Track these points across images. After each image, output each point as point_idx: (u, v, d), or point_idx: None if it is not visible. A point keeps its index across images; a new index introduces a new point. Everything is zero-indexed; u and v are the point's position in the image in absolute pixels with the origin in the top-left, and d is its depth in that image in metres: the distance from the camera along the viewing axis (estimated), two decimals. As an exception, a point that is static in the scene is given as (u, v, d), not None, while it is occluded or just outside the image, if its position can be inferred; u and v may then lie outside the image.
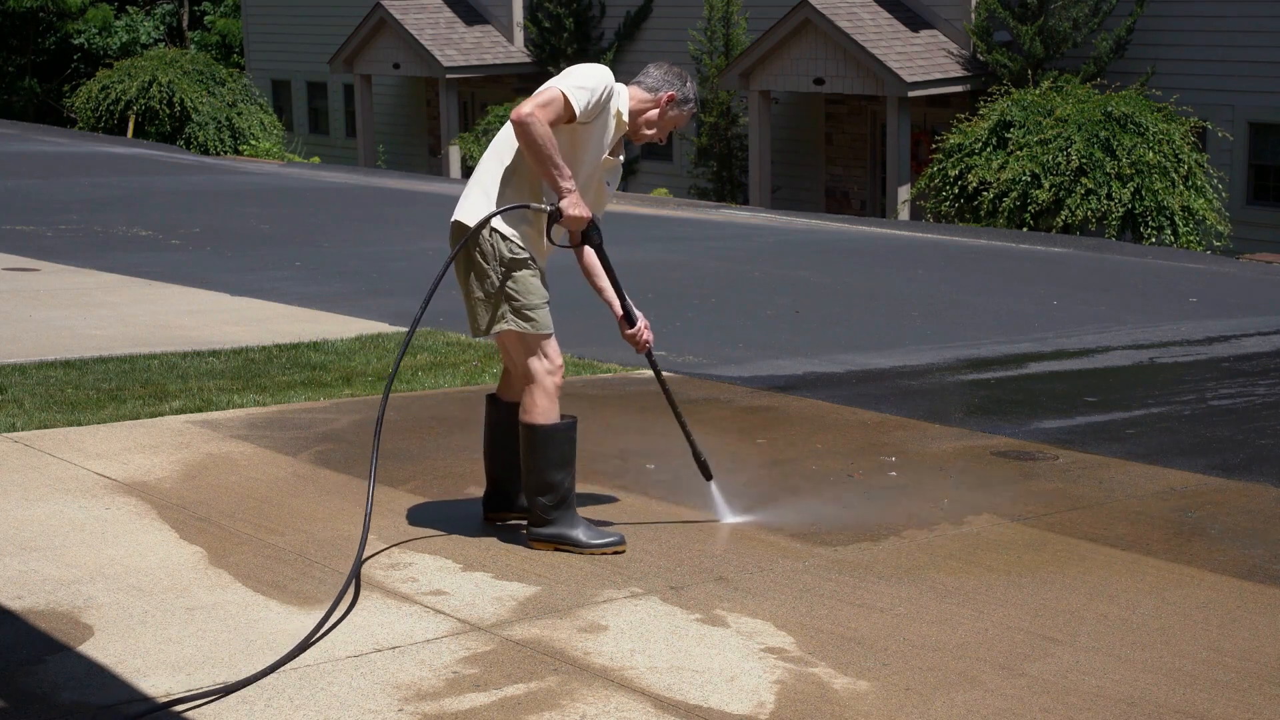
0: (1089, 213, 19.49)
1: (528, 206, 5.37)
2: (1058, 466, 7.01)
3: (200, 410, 7.62)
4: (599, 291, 5.74)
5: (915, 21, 24.26)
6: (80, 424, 7.24)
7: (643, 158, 29.17)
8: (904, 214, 23.14)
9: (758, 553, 5.61)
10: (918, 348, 10.38)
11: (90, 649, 4.55)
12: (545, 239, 5.46)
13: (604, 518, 5.97)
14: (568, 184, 5.29)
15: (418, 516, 5.95)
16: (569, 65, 30.58)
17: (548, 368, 5.46)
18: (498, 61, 30.07)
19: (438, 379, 8.55)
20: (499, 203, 5.37)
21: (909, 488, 6.57)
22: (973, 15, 23.69)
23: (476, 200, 5.43)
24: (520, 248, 5.39)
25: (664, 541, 5.70)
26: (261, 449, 6.91)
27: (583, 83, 5.30)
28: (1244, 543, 5.87)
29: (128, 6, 43.99)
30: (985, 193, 20.15)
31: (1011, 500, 6.38)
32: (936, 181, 20.97)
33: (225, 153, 29.53)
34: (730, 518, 5.98)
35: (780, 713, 4.21)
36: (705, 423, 7.76)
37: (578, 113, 5.27)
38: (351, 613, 4.89)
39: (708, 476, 5.98)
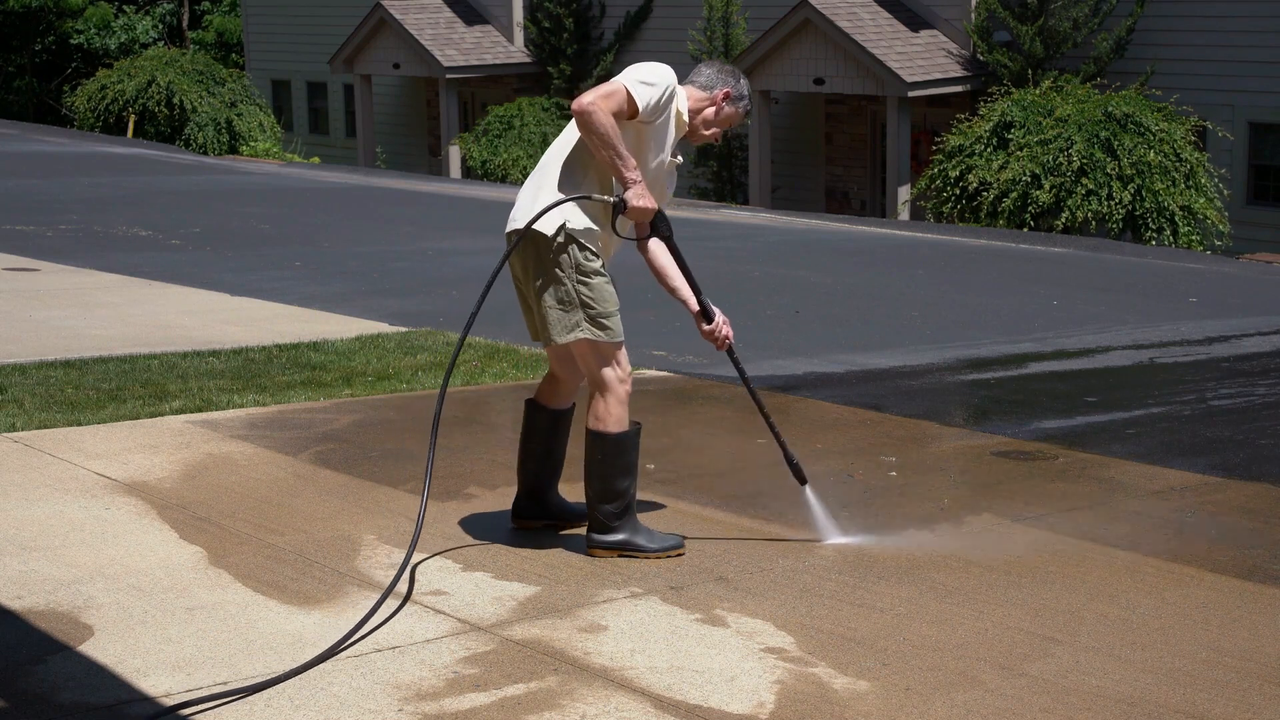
0: (1090, 214, 19.49)
1: (589, 198, 5.20)
2: (1058, 466, 7.01)
3: (200, 410, 7.62)
4: (671, 291, 5.60)
5: (915, 21, 24.27)
6: (80, 424, 7.24)
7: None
8: (904, 214, 23.15)
9: (758, 553, 5.61)
10: (918, 348, 10.38)
11: (90, 649, 4.54)
12: (611, 233, 5.32)
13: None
14: (632, 174, 5.16)
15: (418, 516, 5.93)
16: (569, 65, 30.39)
17: (620, 375, 5.38)
18: (498, 61, 30.08)
19: (437, 379, 8.54)
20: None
21: (909, 488, 6.57)
22: (973, 15, 23.70)
23: (545, 203, 5.24)
24: (594, 254, 5.26)
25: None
26: (261, 449, 6.91)
27: (647, 78, 5.17)
28: (1244, 543, 5.87)
29: (125, 6, 43.98)
30: (985, 193, 20.15)
31: (1011, 500, 6.38)
32: (937, 182, 20.98)
33: (223, 153, 29.53)
34: (835, 538, 5.70)
35: (780, 713, 4.21)
36: (706, 423, 7.77)
37: (640, 109, 5.14)
38: (351, 613, 4.89)
39: (802, 481, 5.77)
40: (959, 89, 23.55)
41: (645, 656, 4.58)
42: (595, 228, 5.27)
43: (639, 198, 5.20)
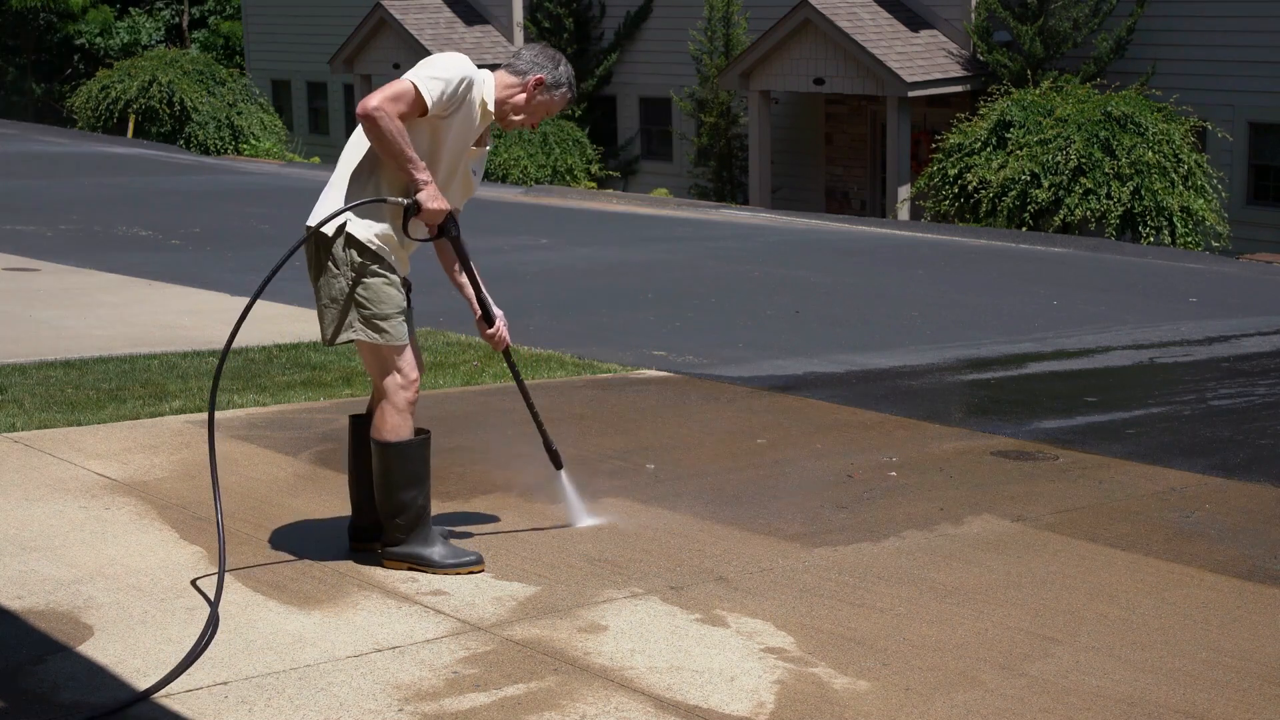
0: (1088, 212, 19.51)
1: (383, 201, 5.05)
2: (1058, 466, 7.01)
3: (200, 410, 7.61)
4: (459, 288, 5.46)
5: (915, 21, 24.27)
6: (80, 424, 7.24)
7: (643, 158, 29.20)
8: (904, 214, 23.16)
9: (758, 553, 5.61)
10: (918, 348, 10.38)
11: (90, 649, 4.54)
12: (403, 236, 5.14)
13: (603, 517, 5.96)
14: (423, 175, 5.01)
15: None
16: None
17: (400, 382, 5.17)
18: (497, 62, 29.95)
19: (437, 379, 8.55)
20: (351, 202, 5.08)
21: (909, 488, 6.57)
22: (973, 15, 23.70)
23: (333, 203, 5.12)
24: (375, 254, 5.08)
25: (664, 542, 5.70)
26: (261, 449, 6.91)
27: (437, 73, 4.99)
28: (1244, 543, 5.87)
29: (130, 8, 44.02)
30: (984, 191, 20.17)
31: (1011, 500, 6.38)
32: (936, 181, 20.99)
33: (226, 151, 29.54)
34: (585, 520, 5.84)
35: (780, 713, 4.21)
36: (704, 423, 7.77)
37: (429, 105, 4.96)
38: (351, 613, 4.89)
39: (558, 466, 5.80)
40: (959, 89, 23.55)
41: (645, 656, 4.58)
42: (378, 229, 5.09)
43: (432, 199, 5.04)
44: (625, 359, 9.43)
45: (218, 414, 7.56)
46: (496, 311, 5.52)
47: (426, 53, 29.24)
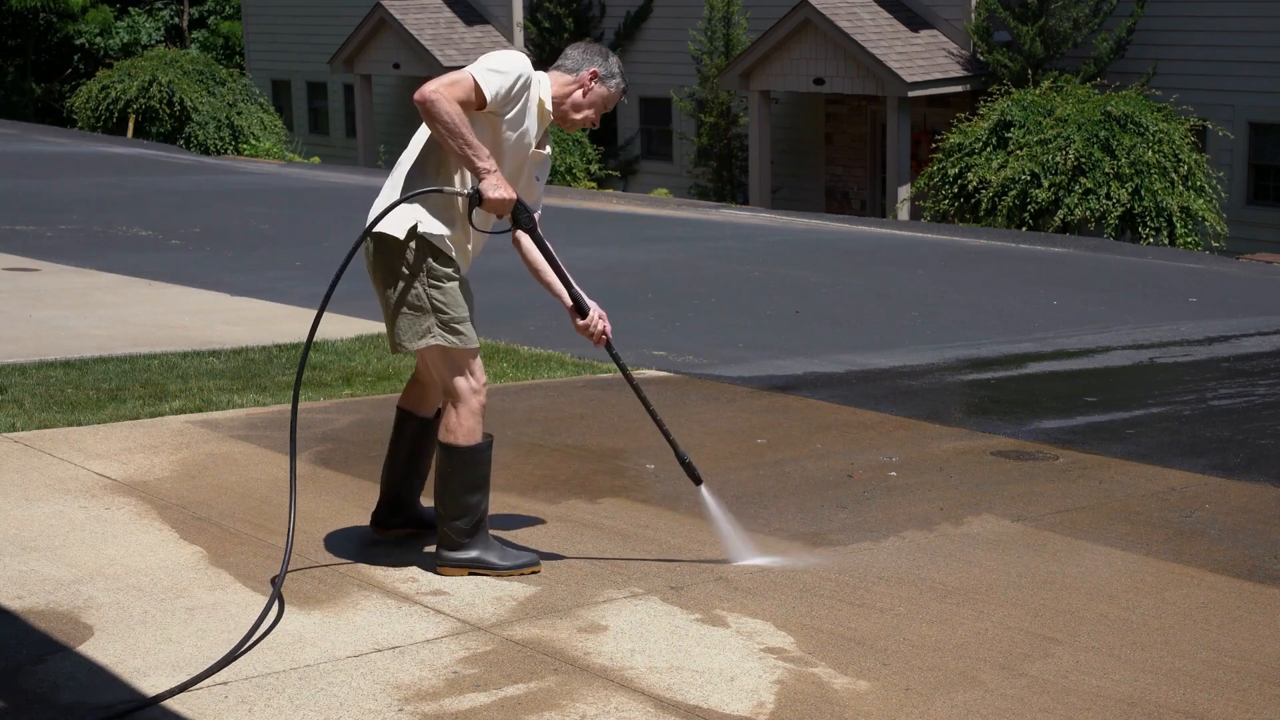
0: (1088, 211, 19.51)
1: (440, 190, 4.93)
2: (1058, 466, 7.01)
3: (200, 410, 7.62)
4: (546, 286, 5.37)
5: (915, 21, 24.28)
6: (80, 424, 7.24)
7: (643, 158, 29.19)
8: (904, 214, 23.16)
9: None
10: (918, 348, 10.38)
11: (90, 649, 4.54)
12: (469, 227, 5.05)
13: (603, 518, 5.97)
14: (486, 163, 4.85)
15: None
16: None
17: (474, 386, 5.12)
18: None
19: (438, 379, 8.54)
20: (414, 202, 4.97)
21: (909, 488, 6.57)
22: (973, 15, 23.71)
23: (391, 201, 5.02)
24: (449, 258, 5.02)
25: (664, 542, 5.70)
26: (261, 449, 6.91)
27: (495, 66, 4.90)
28: (1244, 543, 5.87)
29: (130, 8, 44.03)
30: (984, 191, 20.17)
31: (1011, 500, 6.38)
32: (936, 181, 20.99)
33: (226, 151, 29.53)
34: (746, 559, 5.44)
35: (780, 713, 4.21)
36: (705, 423, 7.77)
37: (488, 98, 4.87)
38: (351, 613, 4.89)
39: (696, 481, 5.47)
40: (959, 89, 23.55)
41: (645, 656, 4.58)
42: (449, 230, 5.02)
43: (494, 188, 4.88)
44: (625, 359, 9.42)
45: (218, 414, 7.57)
46: (590, 303, 5.35)
47: (426, 53, 29.35)
